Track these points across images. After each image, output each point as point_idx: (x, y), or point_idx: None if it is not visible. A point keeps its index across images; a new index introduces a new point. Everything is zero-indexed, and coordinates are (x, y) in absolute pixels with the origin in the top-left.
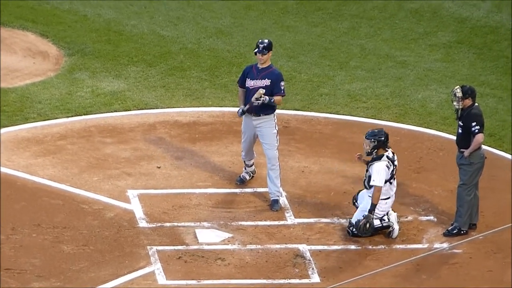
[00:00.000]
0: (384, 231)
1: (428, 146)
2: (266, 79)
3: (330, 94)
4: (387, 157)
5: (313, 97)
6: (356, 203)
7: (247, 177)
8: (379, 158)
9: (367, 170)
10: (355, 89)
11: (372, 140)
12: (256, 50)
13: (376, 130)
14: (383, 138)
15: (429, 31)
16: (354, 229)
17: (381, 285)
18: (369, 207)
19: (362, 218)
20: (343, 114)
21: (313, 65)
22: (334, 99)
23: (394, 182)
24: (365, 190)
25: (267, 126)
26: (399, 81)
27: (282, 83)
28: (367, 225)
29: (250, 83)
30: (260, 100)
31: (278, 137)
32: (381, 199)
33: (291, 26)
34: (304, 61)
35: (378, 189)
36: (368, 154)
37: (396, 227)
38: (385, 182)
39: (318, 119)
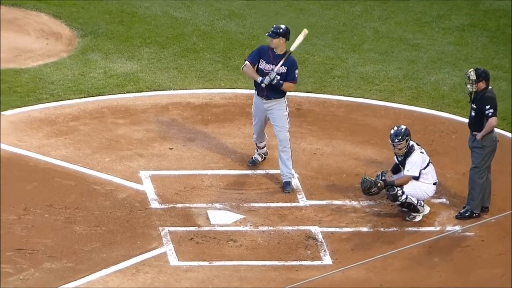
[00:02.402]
0: (406, 211)
1: (440, 129)
2: (282, 66)
3: (343, 77)
4: (417, 144)
5: (326, 79)
6: (382, 178)
7: (259, 159)
8: (411, 150)
9: (400, 161)
10: (368, 72)
11: (406, 139)
12: (267, 33)
13: (400, 129)
14: (409, 132)
15: (442, 14)
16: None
17: (393, 267)
18: (395, 182)
19: (376, 182)
20: (356, 97)
21: (326, 47)
22: (346, 82)
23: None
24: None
25: (278, 108)
26: (412, 64)
27: (296, 71)
28: (372, 190)
29: (265, 66)
30: (271, 81)
31: (289, 120)
32: (430, 183)
33: (305, 9)
34: (317, 44)
35: (408, 179)
36: (405, 154)
37: (420, 217)
38: (426, 167)
39: (331, 102)
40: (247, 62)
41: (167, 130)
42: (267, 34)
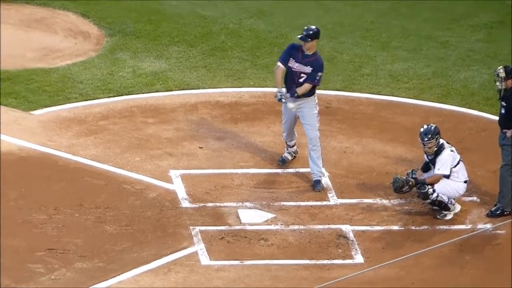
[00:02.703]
0: (437, 209)
1: (470, 127)
2: (309, 66)
3: (371, 75)
4: (447, 142)
5: (355, 77)
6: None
7: (289, 158)
8: (441, 148)
9: (430, 160)
10: (396, 70)
11: (436, 138)
12: (299, 36)
13: (430, 128)
14: (439, 130)
15: (470, 12)
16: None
17: (424, 265)
18: (426, 180)
19: (408, 180)
20: (385, 95)
21: (355, 45)
22: (375, 80)
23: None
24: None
25: (308, 107)
26: (441, 62)
27: (319, 74)
28: (404, 189)
29: (294, 64)
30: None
31: (319, 118)
32: (461, 182)
33: (332, 7)
34: (345, 42)
35: (439, 177)
36: (435, 152)
37: (451, 215)
38: (456, 165)
39: (360, 100)
40: (279, 64)
41: (196, 129)
42: (299, 37)
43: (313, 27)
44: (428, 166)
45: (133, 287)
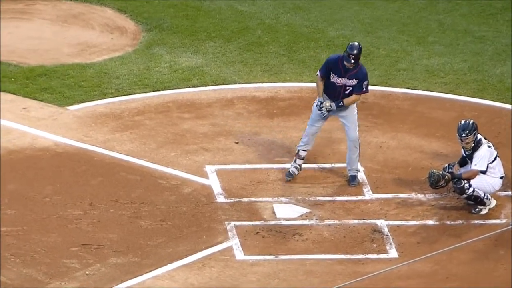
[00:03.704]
0: (472, 204)
1: (506, 122)
2: (354, 79)
3: (408, 69)
4: (485, 138)
5: (391, 72)
6: (449, 170)
7: (296, 172)
8: (478, 144)
9: (467, 155)
10: (433, 64)
11: (473, 133)
12: (346, 61)
13: (468, 123)
14: (477, 125)
15: (507, 6)
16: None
17: (459, 260)
18: (463, 175)
19: (443, 175)
20: (421, 89)
21: (391, 40)
22: (412, 74)
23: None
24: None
25: (351, 107)
26: (477, 56)
27: (366, 82)
28: (440, 183)
29: (337, 80)
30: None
31: (358, 117)
32: (497, 177)
33: (369, 2)
34: (382, 36)
35: (476, 173)
36: (472, 148)
37: (486, 210)
38: (493, 161)
39: (396, 94)
40: (318, 74)
41: (232, 124)
42: (346, 63)
43: (357, 45)
44: (465, 161)
45: (167, 282)
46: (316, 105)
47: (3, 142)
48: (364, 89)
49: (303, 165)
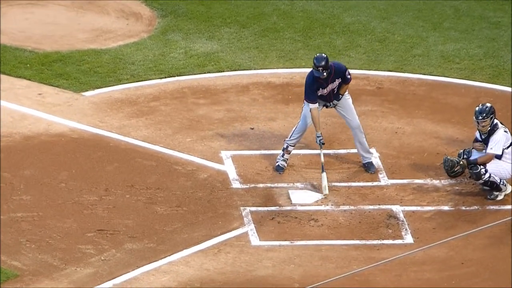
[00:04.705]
0: (488, 189)
1: None
2: (336, 79)
3: (423, 55)
4: (501, 123)
5: (406, 58)
6: (465, 156)
7: (286, 165)
8: (495, 128)
9: (483, 139)
10: (448, 50)
11: (490, 117)
12: (319, 75)
13: (485, 107)
14: (494, 110)
15: None
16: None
17: (475, 246)
18: (478, 160)
19: (454, 160)
20: (437, 75)
21: (407, 26)
22: (427, 60)
23: None
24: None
25: (346, 98)
26: (493, 42)
27: (347, 72)
28: (455, 169)
29: (322, 91)
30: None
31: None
32: None
33: None
34: (398, 22)
35: (491, 157)
36: (488, 131)
37: (502, 196)
38: (509, 146)
39: (412, 80)
40: (312, 106)
41: (247, 110)
42: (319, 76)
43: (323, 56)
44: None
45: (183, 267)
46: (317, 142)
47: (19, 128)
48: (349, 77)
49: (319, 151)
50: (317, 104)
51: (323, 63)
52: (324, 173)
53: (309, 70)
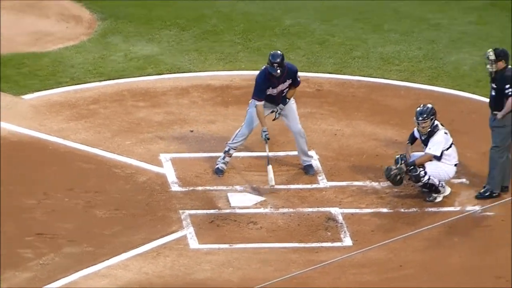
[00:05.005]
0: (427, 191)
1: (460, 109)
2: (287, 80)
3: (363, 57)
4: (441, 124)
5: (346, 60)
6: (402, 160)
7: (225, 167)
8: (435, 129)
9: (423, 140)
10: (388, 52)
11: (431, 118)
12: (273, 72)
13: (426, 108)
14: (435, 111)
15: None
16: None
17: (413, 248)
18: (416, 161)
19: (394, 168)
20: (376, 77)
21: (347, 28)
22: (367, 62)
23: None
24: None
25: (291, 103)
26: (432, 44)
27: (298, 74)
28: (398, 177)
29: (273, 91)
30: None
31: None
32: (452, 165)
33: None
34: (338, 24)
35: (429, 157)
36: (428, 133)
37: (441, 198)
38: (448, 148)
39: (351, 82)
40: (258, 103)
41: (187, 113)
42: (273, 73)
43: (279, 53)
44: (414, 140)
45: (122, 271)
46: (262, 136)
47: None
48: (299, 80)
49: (258, 154)
50: (263, 102)
51: (278, 60)
52: (270, 166)
53: (248, 72)
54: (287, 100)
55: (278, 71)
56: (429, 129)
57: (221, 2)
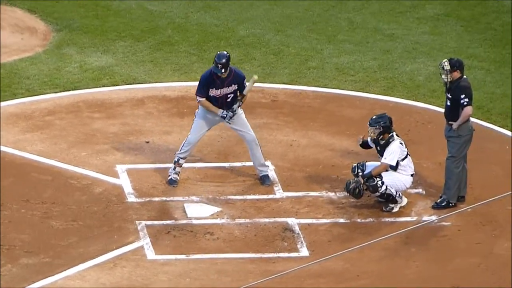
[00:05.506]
0: (383, 201)
1: (416, 119)
2: (233, 84)
3: (318, 68)
4: (397, 135)
5: (301, 70)
6: (359, 173)
7: (178, 178)
8: (390, 139)
9: (378, 150)
10: (343, 63)
11: (377, 127)
12: (217, 72)
13: (380, 116)
14: (387, 123)
15: (417, 4)
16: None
17: (370, 258)
18: (372, 172)
19: (352, 182)
20: (331, 88)
21: (301, 38)
22: (322, 73)
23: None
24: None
25: (239, 113)
26: (387, 54)
27: (245, 81)
28: (356, 190)
29: (216, 92)
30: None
31: None
32: (409, 175)
33: (279, 0)
34: (292, 35)
35: (385, 167)
36: (375, 141)
37: (397, 208)
38: (404, 158)
39: (306, 93)
40: (199, 98)
41: (143, 124)
42: (218, 73)
43: (223, 58)
44: (366, 145)
45: (79, 282)
46: (224, 117)
47: None
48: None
49: (214, 164)
50: (204, 99)
51: (223, 60)
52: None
53: None
54: (234, 109)
55: (223, 71)
56: (384, 141)
57: (175, 13)
